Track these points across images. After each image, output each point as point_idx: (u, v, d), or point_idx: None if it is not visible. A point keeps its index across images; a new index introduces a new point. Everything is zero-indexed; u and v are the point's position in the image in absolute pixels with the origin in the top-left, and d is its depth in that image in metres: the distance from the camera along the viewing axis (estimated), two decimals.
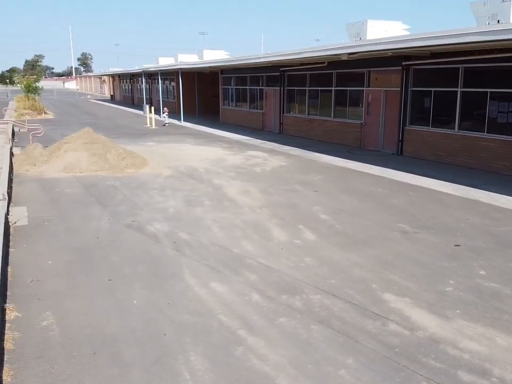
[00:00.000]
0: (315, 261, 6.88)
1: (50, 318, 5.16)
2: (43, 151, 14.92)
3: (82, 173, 13.36)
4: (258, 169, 14.24)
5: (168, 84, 41.04)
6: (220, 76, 30.91)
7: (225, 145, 19.44)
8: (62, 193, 11.03)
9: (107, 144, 14.93)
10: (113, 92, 66.15)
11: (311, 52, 16.61)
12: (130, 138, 21.65)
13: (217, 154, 16.92)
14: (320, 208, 9.80)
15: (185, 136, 22.59)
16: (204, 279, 6.22)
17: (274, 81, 24.75)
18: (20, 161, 14.47)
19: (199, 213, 9.37)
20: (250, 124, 27.10)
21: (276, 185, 11.93)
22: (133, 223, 8.67)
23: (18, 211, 9.47)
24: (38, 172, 13.47)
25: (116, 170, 13.63)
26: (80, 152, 14.29)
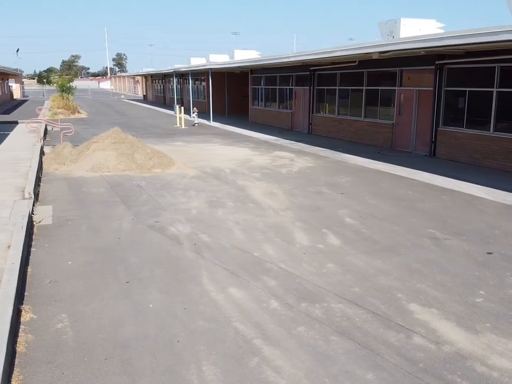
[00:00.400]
0: (338, 268, 6.63)
1: (65, 320, 5.09)
2: (72, 150, 15.09)
3: (109, 172, 13.43)
4: (285, 170, 14.02)
5: (199, 84, 41.23)
6: (250, 76, 30.79)
7: (252, 146, 19.29)
8: (88, 193, 11.08)
9: (135, 144, 14.99)
10: (145, 92, 66.98)
11: (342, 50, 16.28)
12: (159, 138, 21.75)
13: (243, 155, 16.78)
14: (347, 212, 9.52)
15: (213, 136, 22.56)
16: (222, 283, 6.06)
17: (304, 80, 24.46)
18: (49, 160, 14.67)
19: (222, 214, 9.23)
20: (279, 124, 26.88)
21: (302, 187, 11.69)
22: (155, 224, 8.59)
23: (44, 210, 9.54)
24: (67, 171, 13.61)
25: (142, 170, 13.65)
26: (108, 151, 14.38)
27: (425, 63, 16.03)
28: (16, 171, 12.57)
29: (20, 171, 12.53)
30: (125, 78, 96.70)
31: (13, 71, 69.64)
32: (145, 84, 67.09)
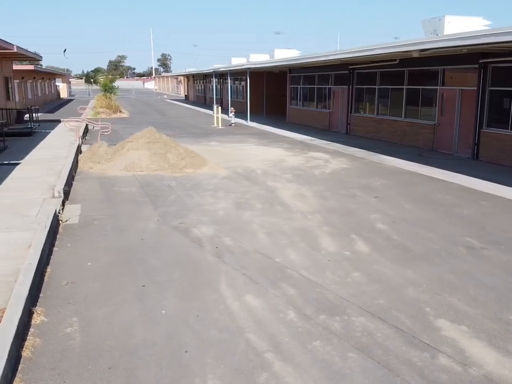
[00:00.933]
0: (364, 277, 6.28)
1: (75, 325, 4.99)
2: (108, 149, 15.23)
3: (142, 172, 13.45)
4: (318, 171, 13.66)
5: (238, 84, 41.21)
6: (288, 75, 30.47)
7: (287, 146, 18.98)
8: (119, 192, 11.09)
9: (168, 144, 14.98)
10: (187, 91, 67.69)
11: (380, 48, 15.75)
12: (195, 137, 21.77)
13: (277, 155, 16.51)
14: (379, 216, 9.11)
15: (249, 136, 22.38)
16: (239, 290, 5.83)
17: (342, 79, 23.95)
18: (85, 159, 14.86)
19: (248, 216, 9.01)
20: (317, 124, 26.44)
21: (334, 190, 11.32)
22: (180, 225, 8.46)
23: (72, 209, 9.58)
24: (101, 170, 13.72)
25: (174, 169, 13.61)
26: (141, 151, 14.42)
27: (468, 61, 15.29)
28: (51, 169, 12.75)
29: (55, 169, 12.70)
30: (168, 78, 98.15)
31: (59, 71, 72.02)
32: (187, 84, 67.82)
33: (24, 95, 37.36)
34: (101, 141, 16.29)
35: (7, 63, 24.62)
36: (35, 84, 43.00)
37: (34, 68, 33.98)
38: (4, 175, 11.88)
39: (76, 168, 14.01)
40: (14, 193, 10.11)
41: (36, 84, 43.82)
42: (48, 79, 54.66)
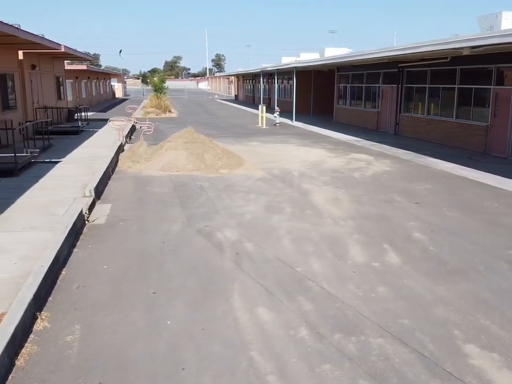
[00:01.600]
0: (390, 292, 5.78)
1: (77, 333, 4.81)
2: (147, 149, 15.27)
3: (178, 172, 13.35)
4: (358, 174, 13.08)
5: (286, 83, 40.80)
6: (336, 74, 29.78)
7: (329, 147, 18.42)
8: (151, 192, 11.01)
9: (206, 144, 14.84)
10: (237, 91, 67.93)
11: (428, 45, 14.92)
12: (237, 137, 21.58)
13: (318, 156, 16.01)
14: (417, 224, 8.51)
15: (291, 137, 21.95)
16: (252, 301, 5.49)
17: (391, 78, 23.07)
18: (125, 158, 14.96)
19: (276, 221, 8.64)
20: (364, 124, 25.64)
21: (372, 194, 10.75)
22: (204, 228, 8.22)
23: (101, 209, 9.56)
24: (138, 170, 13.74)
25: (210, 170, 13.42)
26: (179, 151, 14.35)
27: None
28: (89, 168, 12.87)
29: (93, 168, 12.81)
30: (220, 79, 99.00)
31: (114, 71, 74.10)
32: (237, 84, 68.06)
33: (78, 94, 38.57)
34: (142, 141, 16.37)
35: (58, 63, 25.39)
36: (89, 83, 44.33)
37: (87, 67, 34.96)
38: (42, 173, 12.08)
39: (114, 167, 14.13)
40: (48, 192, 10.22)
41: (91, 83, 45.16)
42: (103, 79, 56.22)
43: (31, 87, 19.94)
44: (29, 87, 19.71)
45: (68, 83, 35.30)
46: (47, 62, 22.96)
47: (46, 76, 22.88)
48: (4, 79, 16.46)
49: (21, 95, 18.35)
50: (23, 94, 18.89)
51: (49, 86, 23.46)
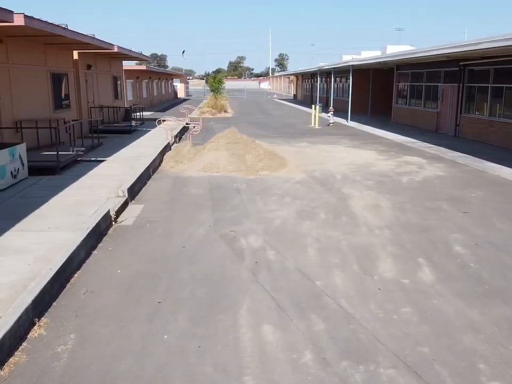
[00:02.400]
0: (415, 314, 5.19)
1: (70, 343, 4.62)
2: (191, 149, 15.19)
3: (218, 172, 13.14)
4: (406, 179, 12.29)
5: (345, 82, 39.80)
6: (395, 72, 28.61)
7: (381, 149, 17.58)
8: (186, 193, 10.84)
9: (248, 145, 14.53)
10: (296, 91, 67.36)
11: (488, 42, 13.83)
12: (286, 138, 21.14)
13: (366, 159, 15.28)
14: (460, 237, 7.76)
15: (342, 137, 21.23)
16: (259, 318, 5.09)
17: (452, 77, 21.78)
18: (169, 158, 14.96)
19: (305, 228, 8.17)
20: (423, 125, 24.41)
21: (417, 201, 10.01)
22: (229, 233, 7.89)
23: (133, 209, 9.47)
24: (180, 170, 13.66)
25: (250, 171, 13.11)
26: (220, 152, 14.15)
27: None
28: (131, 167, 12.91)
29: (135, 168, 12.83)
30: (281, 78, 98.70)
31: (176, 72, 75.56)
32: (296, 83, 67.47)
33: (138, 94, 39.57)
34: (187, 141, 16.33)
35: (116, 63, 25.99)
36: (151, 83, 45.38)
37: (146, 68, 35.72)
38: (84, 171, 12.24)
39: (157, 167, 14.14)
40: (84, 191, 10.28)
41: (152, 83, 46.22)
42: (165, 80, 57.46)
43: (86, 86, 20.48)
44: (84, 86, 20.25)
45: (129, 83, 36.28)
46: (104, 62, 23.55)
47: (103, 75, 23.47)
48: (57, 78, 16.96)
49: (75, 94, 18.86)
50: (78, 93, 19.42)
51: (106, 86, 24.06)
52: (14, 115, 13.61)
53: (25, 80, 14.41)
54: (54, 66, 16.62)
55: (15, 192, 10.04)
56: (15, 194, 9.90)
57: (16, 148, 10.73)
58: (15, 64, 13.69)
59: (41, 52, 15.55)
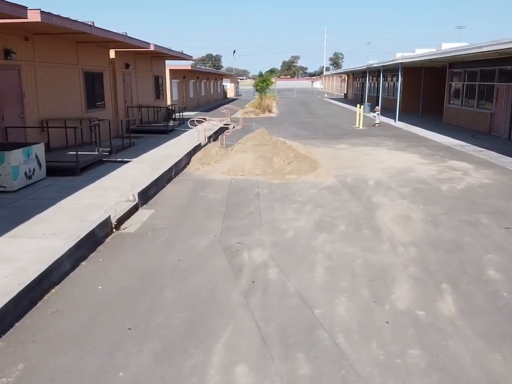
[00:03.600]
0: (423, 358, 4.28)
1: (13, 375, 4.05)
2: (219, 150, 14.58)
3: (243, 176, 12.47)
4: (446, 186, 11.13)
5: (395, 81, 38.12)
6: (448, 70, 26.90)
7: (426, 152, 16.30)
8: (203, 198, 10.24)
9: (277, 147, 13.76)
10: (346, 90, 65.71)
11: None
12: (326, 139, 20.18)
13: (407, 163, 14.13)
14: (497, 258, 6.69)
15: (386, 139, 19.99)
16: (236, 356, 4.34)
17: (508, 76, 20.06)
18: (196, 159, 14.43)
19: (320, 241, 7.32)
20: (476, 126, 22.73)
21: (454, 213, 8.92)
22: (233, 245, 7.18)
23: (141, 214, 8.96)
24: (204, 172, 13.10)
25: (276, 175, 12.34)
26: (247, 154, 13.46)
27: None
28: (156, 169, 12.40)
29: (159, 169, 12.34)
30: (333, 77, 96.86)
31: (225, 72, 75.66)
32: (347, 82, 65.81)
33: (184, 94, 39.57)
34: (219, 142, 15.75)
35: (158, 62, 25.87)
36: (198, 83, 45.35)
37: (191, 68, 35.58)
38: (105, 172, 11.88)
39: (183, 169, 13.65)
40: (97, 193, 9.85)
41: (199, 83, 46.20)
42: (214, 79, 57.43)
43: (123, 85, 20.35)
44: (121, 85, 20.12)
45: (174, 83, 36.29)
46: (144, 62, 23.43)
47: (143, 74, 23.36)
48: (91, 77, 16.83)
49: (110, 94, 18.73)
50: (114, 92, 19.30)
51: (146, 85, 23.94)
52: (40, 114, 13.49)
53: (53, 79, 14.29)
54: (88, 65, 16.49)
55: (28, 193, 9.76)
56: (26, 195, 9.62)
57: (32, 148, 10.48)
58: (42, 62, 13.55)
59: (72, 51, 15.42)
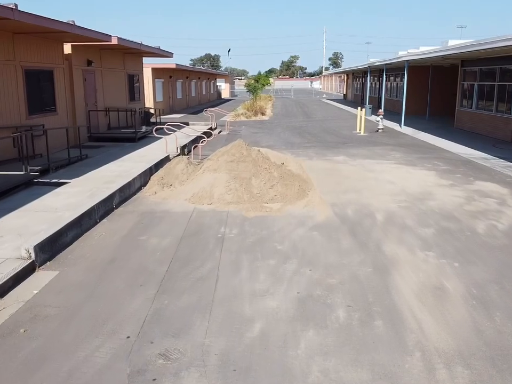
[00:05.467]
0: None
1: None
2: (186, 167, 11.49)
3: (210, 204, 9.45)
4: (483, 226, 8.07)
5: (399, 81, 35.07)
6: (460, 69, 23.85)
7: (443, 168, 13.24)
8: (140, 247, 7.18)
9: (258, 164, 10.68)
10: (345, 90, 62.69)
11: None
12: (322, 148, 17.12)
13: (422, 184, 11.07)
14: None
15: (393, 148, 16.92)
16: None
17: None
18: (156, 179, 11.32)
19: (303, 355, 4.24)
20: (494, 133, 19.70)
21: (508, 279, 5.87)
22: (153, 362, 4.13)
23: (34, 283, 5.91)
24: (161, 198, 10.07)
25: (254, 204, 9.30)
26: (219, 173, 10.41)
27: None
28: (94, 196, 9.38)
29: (99, 196, 9.32)
30: (332, 77, 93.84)
31: (219, 72, 72.52)
32: (346, 82, 62.78)
33: (171, 95, 36.49)
34: (180, 157, 12.59)
35: (133, 59, 22.80)
36: (187, 83, 42.30)
37: (176, 66, 32.51)
38: (19, 203, 8.85)
39: (136, 192, 10.62)
40: None
41: (189, 83, 43.15)
42: (207, 79, 54.38)
43: (83, 86, 17.29)
44: (81, 86, 17.06)
45: (158, 82, 33.25)
46: (114, 58, 20.38)
47: (113, 73, 20.30)
48: (36, 76, 13.78)
49: (65, 96, 15.66)
50: (71, 94, 16.24)
51: (117, 85, 20.87)
52: None
53: None
54: (30, 61, 13.44)
55: None
56: None
57: None
58: None
59: (6, 44, 12.36)
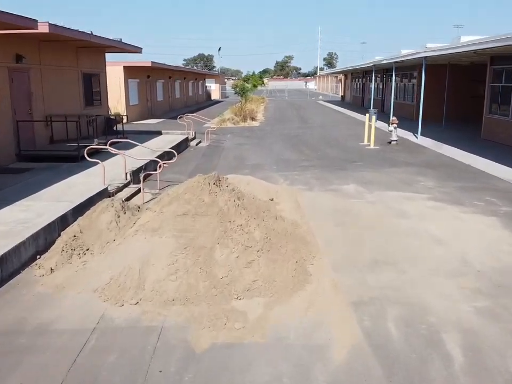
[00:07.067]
0: None
1: None
2: (115, 219, 7.26)
3: (136, 304, 5.30)
4: None
5: (407, 82, 30.95)
6: (489, 68, 19.70)
7: (504, 209, 9.06)
8: None
9: (228, 217, 6.44)
10: (343, 91, 58.61)
11: None
12: (324, 169, 12.94)
13: (488, 244, 6.88)
14: None
15: (419, 171, 12.72)
16: None
17: None
18: (64, 240, 6.99)
19: None
20: None
21: None
22: None
23: None
24: (54, 287, 5.88)
25: (216, 306, 5.11)
26: (160, 237, 6.22)
27: None
28: None
29: None
30: (328, 77, 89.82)
31: (208, 72, 68.33)
32: (344, 82, 58.69)
33: (149, 97, 32.29)
34: (107, 201, 7.99)
35: (92, 55, 18.57)
36: (170, 84, 38.09)
37: (152, 64, 28.26)
38: None
39: (22, 268, 6.42)
40: None
41: (172, 84, 38.93)
42: (195, 80, 50.16)
43: (9, 88, 13.04)
44: (5, 88, 12.82)
45: (132, 83, 29.03)
46: (63, 53, 16.16)
47: (60, 72, 16.08)
48: None
49: None
50: None
51: (67, 87, 16.63)
52: None
53: None
54: None
55: None
56: None
57: None
58: None
59: None
